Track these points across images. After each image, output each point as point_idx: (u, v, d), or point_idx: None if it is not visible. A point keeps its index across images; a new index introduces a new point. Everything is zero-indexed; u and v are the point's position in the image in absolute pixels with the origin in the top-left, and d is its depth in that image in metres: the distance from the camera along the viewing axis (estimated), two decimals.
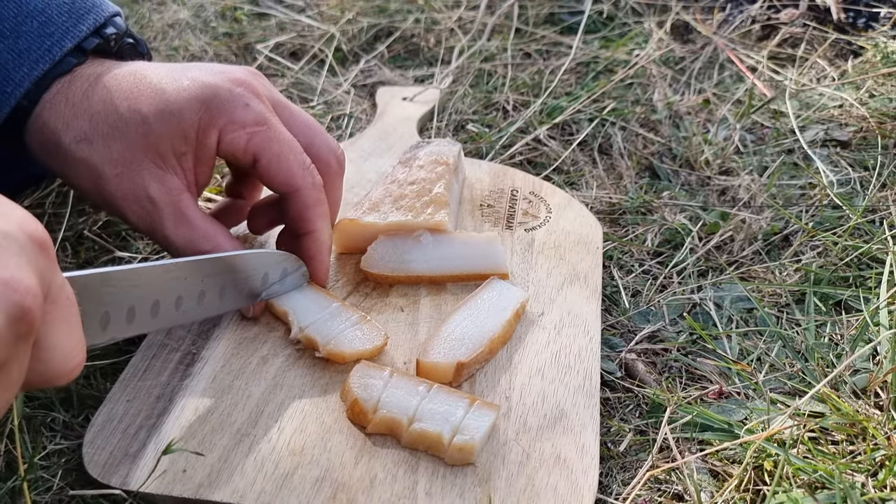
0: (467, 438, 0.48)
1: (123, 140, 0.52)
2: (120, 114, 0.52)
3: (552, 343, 0.57)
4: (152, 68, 0.55)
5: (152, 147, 0.52)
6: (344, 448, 0.49)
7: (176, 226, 0.53)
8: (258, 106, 0.54)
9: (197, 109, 0.52)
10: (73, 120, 0.52)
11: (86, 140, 0.52)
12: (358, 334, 0.55)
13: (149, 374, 0.54)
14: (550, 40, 1.05)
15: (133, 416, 0.51)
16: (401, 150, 0.76)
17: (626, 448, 0.54)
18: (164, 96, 0.52)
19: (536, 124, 0.86)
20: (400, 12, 1.10)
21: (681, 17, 1.08)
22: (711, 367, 0.60)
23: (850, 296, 0.65)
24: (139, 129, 0.52)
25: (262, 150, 0.54)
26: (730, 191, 0.79)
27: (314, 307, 0.56)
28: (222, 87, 0.53)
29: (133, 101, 0.52)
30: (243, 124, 0.53)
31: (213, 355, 0.55)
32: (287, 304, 0.57)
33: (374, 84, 0.97)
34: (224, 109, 0.53)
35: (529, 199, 0.72)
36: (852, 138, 0.85)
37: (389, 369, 0.52)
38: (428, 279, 0.61)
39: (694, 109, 0.92)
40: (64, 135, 0.52)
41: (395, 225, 0.61)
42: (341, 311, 0.56)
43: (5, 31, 0.52)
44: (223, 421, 0.51)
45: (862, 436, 0.52)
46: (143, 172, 0.52)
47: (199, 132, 0.53)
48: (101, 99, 0.52)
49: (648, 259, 0.71)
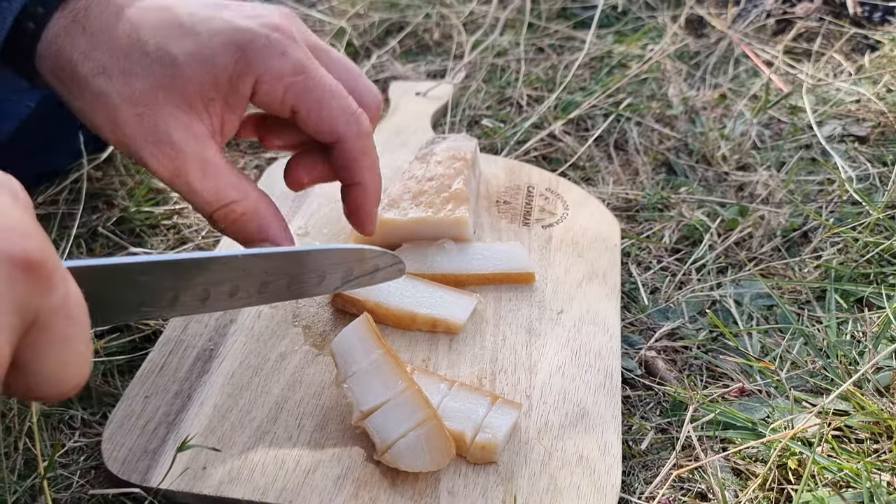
0: (490, 437, 0.48)
1: (147, 79, 0.48)
2: (146, 51, 0.48)
3: (572, 341, 0.57)
4: (183, 4, 0.51)
5: (178, 90, 0.48)
6: (365, 445, 0.48)
7: (203, 174, 0.49)
8: (296, 53, 0.50)
9: (231, 55, 0.49)
10: (91, 51, 0.48)
11: (104, 74, 0.48)
12: (423, 445, 0.46)
13: (166, 370, 0.54)
14: (563, 35, 1.04)
15: (151, 413, 0.51)
16: (415, 146, 0.76)
17: (648, 447, 0.53)
18: (196, 37, 0.49)
19: (551, 119, 0.86)
20: (411, 7, 1.10)
21: (695, 11, 1.07)
22: (733, 364, 0.59)
23: (872, 292, 0.64)
24: (166, 70, 0.48)
25: (301, 100, 0.50)
26: (747, 186, 0.78)
27: (381, 386, 0.48)
28: (259, 33, 0.49)
29: (161, 38, 0.49)
30: (280, 74, 0.50)
31: (231, 352, 0.55)
32: (351, 380, 0.49)
33: (386, 79, 0.96)
34: (260, 57, 0.49)
35: (546, 196, 0.71)
36: (870, 133, 0.85)
37: (410, 366, 0.52)
38: (453, 279, 0.60)
39: (710, 105, 0.91)
40: (81, 65, 0.48)
41: (415, 221, 0.61)
42: (407, 400, 0.48)
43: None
44: (242, 418, 0.50)
45: (887, 434, 0.52)
46: (166, 115, 0.48)
47: (233, 80, 0.49)
48: (125, 32, 0.49)
49: (666, 256, 0.70)
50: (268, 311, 0.58)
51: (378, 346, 0.49)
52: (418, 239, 0.62)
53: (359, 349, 0.48)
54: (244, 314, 0.58)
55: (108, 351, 0.58)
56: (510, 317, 0.58)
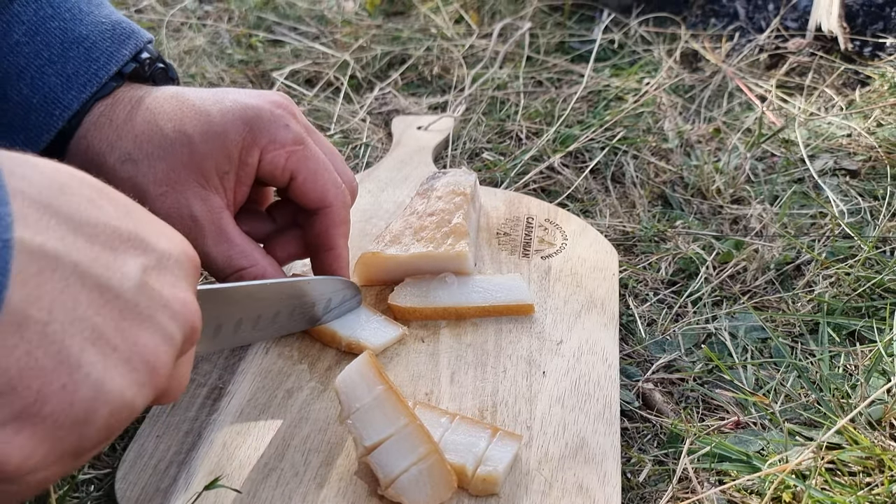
0: (491, 469, 0.49)
1: (168, 159, 0.53)
2: (165, 134, 0.54)
3: (571, 371, 0.58)
4: (192, 92, 0.57)
5: (197, 166, 0.54)
6: (369, 480, 0.49)
7: (216, 243, 0.54)
8: (296, 126, 0.57)
9: (241, 129, 0.55)
10: (117, 141, 0.54)
11: (130, 160, 0.53)
12: (425, 479, 0.47)
13: (177, 409, 0.55)
14: (562, 68, 1.07)
15: (163, 452, 0.52)
16: (416, 181, 0.78)
17: (646, 479, 0.54)
18: (208, 117, 0.54)
19: (550, 152, 0.88)
20: (413, 40, 1.12)
21: (690, 45, 1.10)
22: (728, 397, 0.60)
23: (864, 326, 0.65)
24: (184, 149, 0.53)
25: (300, 167, 0.56)
26: (742, 220, 0.80)
27: (383, 422, 0.49)
28: (264, 109, 0.56)
29: (177, 121, 0.54)
30: (283, 143, 0.56)
31: (240, 389, 0.56)
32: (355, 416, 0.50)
33: (389, 112, 0.98)
34: (266, 130, 0.55)
35: (545, 227, 0.73)
36: (861, 167, 0.87)
37: (413, 401, 0.53)
38: (455, 312, 0.62)
39: (704, 138, 0.93)
40: (108, 156, 0.53)
41: (417, 256, 0.62)
42: (409, 435, 0.48)
43: (53, 56, 0.54)
44: (251, 455, 0.51)
45: (878, 468, 0.53)
46: (187, 191, 0.54)
47: (243, 151, 0.55)
48: (145, 120, 0.54)
49: (663, 288, 0.72)
50: (275, 349, 0.60)
51: (380, 381, 0.50)
52: (420, 273, 0.64)
53: (361, 385, 0.50)
54: (252, 352, 0.59)
55: None
56: (510, 348, 0.60)
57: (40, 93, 0.53)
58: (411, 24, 1.17)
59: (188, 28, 1.16)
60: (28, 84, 0.54)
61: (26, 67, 0.54)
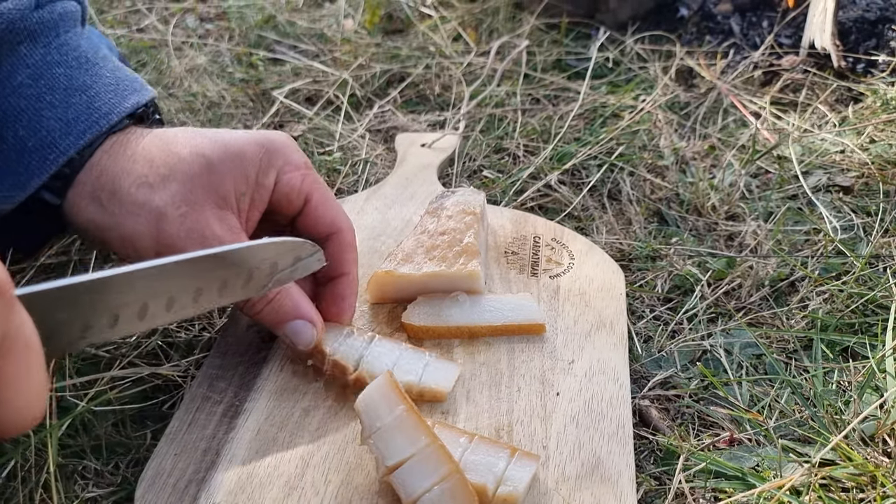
0: (511, 489, 0.49)
1: (186, 182, 0.54)
2: (182, 157, 0.54)
3: (584, 391, 0.59)
4: (202, 128, 0.58)
5: (215, 187, 0.54)
6: (390, 500, 0.50)
7: None
8: (302, 154, 0.60)
9: (257, 151, 0.56)
10: (132, 167, 0.54)
11: (146, 184, 0.54)
12: (447, 499, 0.47)
13: (194, 427, 0.55)
14: (558, 86, 1.08)
15: (182, 471, 0.52)
16: (422, 198, 0.79)
17: (643, 496, 0.55)
18: (224, 141, 0.56)
19: (547, 170, 0.89)
20: (412, 58, 1.14)
21: (685, 62, 1.12)
22: (723, 413, 0.61)
23: (857, 342, 0.66)
24: (202, 170, 0.54)
25: (314, 190, 0.59)
26: (737, 236, 0.81)
27: (405, 441, 0.50)
28: (275, 135, 0.58)
29: (194, 146, 0.55)
30: (298, 166, 0.58)
31: (256, 407, 0.57)
32: (376, 436, 0.50)
33: (388, 129, 1.00)
34: (281, 152, 0.58)
35: (552, 246, 0.74)
36: (854, 184, 0.88)
37: (431, 420, 0.53)
38: (467, 331, 0.62)
39: (700, 155, 0.94)
40: (123, 180, 0.54)
41: (429, 275, 0.63)
42: (430, 455, 0.49)
43: (55, 101, 0.54)
44: (270, 473, 0.52)
45: (871, 484, 0.54)
46: (206, 212, 0.54)
47: (260, 173, 0.56)
48: (160, 147, 0.55)
49: (659, 305, 0.73)
50: (289, 366, 0.60)
51: (401, 401, 0.50)
52: (432, 292, 0.65)
53: (382, 406, 0.50)
54: (266, 368, 0.60)
55: (120, 400, 0.60)
56: (523, 367, 0.60)
57: (37, 136, 0.54)
58: (410, 43, 1.19)
59: (189, 47, 1.17)
60: (25, 126, 0.54)
61: (25, 109, 0.54)
